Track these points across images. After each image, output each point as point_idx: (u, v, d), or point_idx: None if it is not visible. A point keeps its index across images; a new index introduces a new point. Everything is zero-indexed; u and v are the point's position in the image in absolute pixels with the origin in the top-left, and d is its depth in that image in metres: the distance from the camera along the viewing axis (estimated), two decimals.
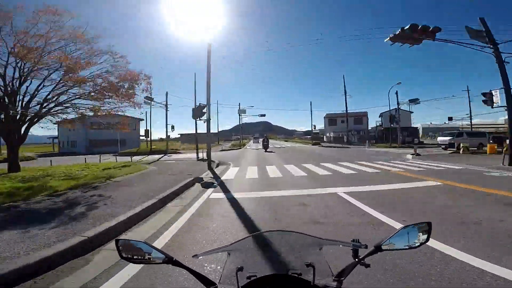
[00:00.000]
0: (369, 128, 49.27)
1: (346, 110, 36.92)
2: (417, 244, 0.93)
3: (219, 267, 2.49)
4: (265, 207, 5.22)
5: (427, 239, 0.94)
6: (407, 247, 0.93)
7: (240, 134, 54.35)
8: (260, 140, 42.13)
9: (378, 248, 0.92)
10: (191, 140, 46.67)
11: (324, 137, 53.11)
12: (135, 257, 0.93)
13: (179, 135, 63.23)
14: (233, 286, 0.86)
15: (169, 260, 0.92)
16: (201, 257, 1.04)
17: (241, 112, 45.22)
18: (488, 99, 12.69)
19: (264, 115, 48.79)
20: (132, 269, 2.57)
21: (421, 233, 0.94)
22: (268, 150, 26.67)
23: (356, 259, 0.94)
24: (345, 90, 36.40)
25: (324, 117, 54.41)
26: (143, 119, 35.33)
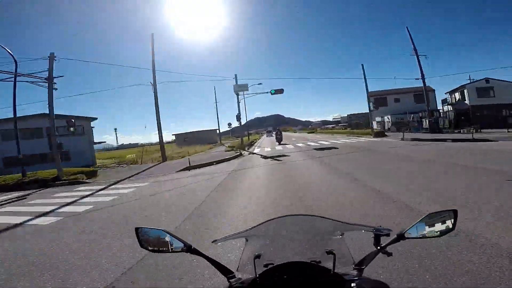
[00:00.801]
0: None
1: (423, 77, 21.84)
2: (442, 232, 0.88)
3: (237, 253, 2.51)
4: None
5: (453, 227, 0.88)
6: (431, 235, 0.88)
7: (244, 130, 38.16)
8: (274, 133, 36.79)
9: (401, 237, 0.88)
10: (193, 141, 39.47)
11: (374, 123, 32.97)
12: (154, 245, 0.94)
13: (173, 136, 54.26)
14: (250, 274, 0.85)
15: (188, 249, 0.93)
16: (219, 243, 1.04)
17: (240, 89, 22.78)
18: None
19: (282, 91, 22.03)
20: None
21: (446, 221, 0.88)
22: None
23: (378, 247, 0.90)
24: (413, 46, 22.08)
25: (368, 96, 39.64)
26: (96, 118, 26.71)
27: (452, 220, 0.88)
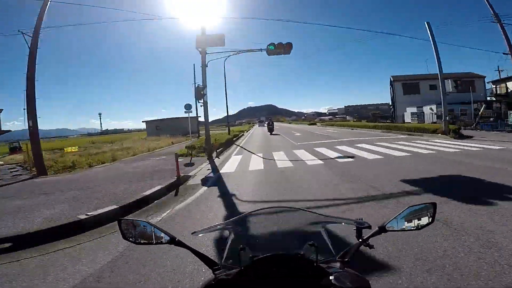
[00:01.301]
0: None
1: None
2: (422, 225, 0.91)
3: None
4: None
5: (432, 220, 0.91)
6: (411, 228, 0.91)
7: (235, 119, 32.05)
8: (266, 123, 36.08)
9: (382, 229, 0.90)
10: (166, 129, 31.86)
11: (407, 115, 28.21)
12: (138, 237, 0.94)
13: (144, 124, 44.27)
14: (236, 266, 0.87)
15: (172, 241, 0.93)
16: (200, 234, 1.04)
17: (210, 43, 10.71)
18: None
19: (289, 47, 10.58)
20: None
21: (425, 214, 0.91)
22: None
23: (360, 240, 0.93)
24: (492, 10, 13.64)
25: (393, 82, 30.86)
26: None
27: (431, 213, 0.91)
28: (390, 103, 34.63)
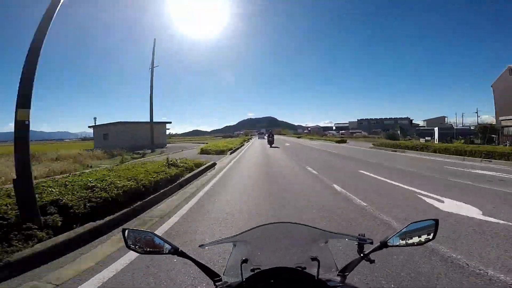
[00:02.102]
0: None
1: None
2: (422, 241, 0.92)
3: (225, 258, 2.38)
4: None
5: (434, 236, 0.92)
6: (413, 244, 0.92)
7: (234, 130, 28.34)
8: (266, 135, 34.37)
9: (383, 244, 0.91)
10: (120, 139, 24.26)
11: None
12: (141, 247, 0.94)
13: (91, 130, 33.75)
14: (237, 278, 0.86)
15: (175, 251, 0.93)
16: (207, 247, 1.04)
17: None
18: None
19: None
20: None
21: (427, 230, 0.92)
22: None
23: (361, 254, 0.93)
24: None
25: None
26: None
27: (433, 229, 0.92)
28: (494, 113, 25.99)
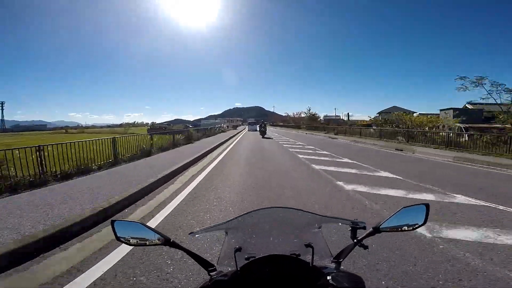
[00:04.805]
0: None
1: None
2: (415, 226, 0.93)
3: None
4: None
5: (425, 221, 0.93)
6: (405, 229, 0.93)
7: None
8: (258, 126, 33.12)
9: (376, 230, 0.92)
10: None
11: None
12: (131, 238, 0.91)
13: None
14: (231, 267, 0.85)
15: (166, 242, 0.90)
16: (197, 235, 1.02)
17: None
18: None
19: None
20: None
21: (418, 214, 0.93)
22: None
23: (355, 240, 0.94)
24: None
25: None
26: None
27: (424, 213, 0.93)
28: None
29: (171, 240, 0.91)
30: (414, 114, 24.11)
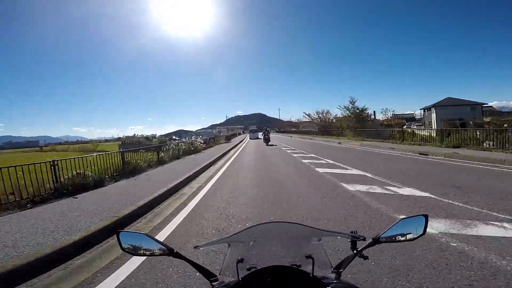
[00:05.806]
0: None
1: None
2: (414, 236, 0.94)
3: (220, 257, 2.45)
4: None
5: (424, 232, 0.95)
6: (404, 239, 0.94)
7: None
8: (260, 133, 31.66)
9: (376, 241, 0.93)
10: None
11: None
12: (136, 249, 0.93)
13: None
14: (233, 278, 0.87)
15: (170, 252, 0.92)
16: (202, 248, 1.04)
17: None
18: None
19: None
20: None
21: (417, 225, 0.95)
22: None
23: (355, 251, 0.96)
24: None
25: None
26: None
27: (423, 224, 0.95)
28: None
29: (175, 251, 0.93)
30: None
